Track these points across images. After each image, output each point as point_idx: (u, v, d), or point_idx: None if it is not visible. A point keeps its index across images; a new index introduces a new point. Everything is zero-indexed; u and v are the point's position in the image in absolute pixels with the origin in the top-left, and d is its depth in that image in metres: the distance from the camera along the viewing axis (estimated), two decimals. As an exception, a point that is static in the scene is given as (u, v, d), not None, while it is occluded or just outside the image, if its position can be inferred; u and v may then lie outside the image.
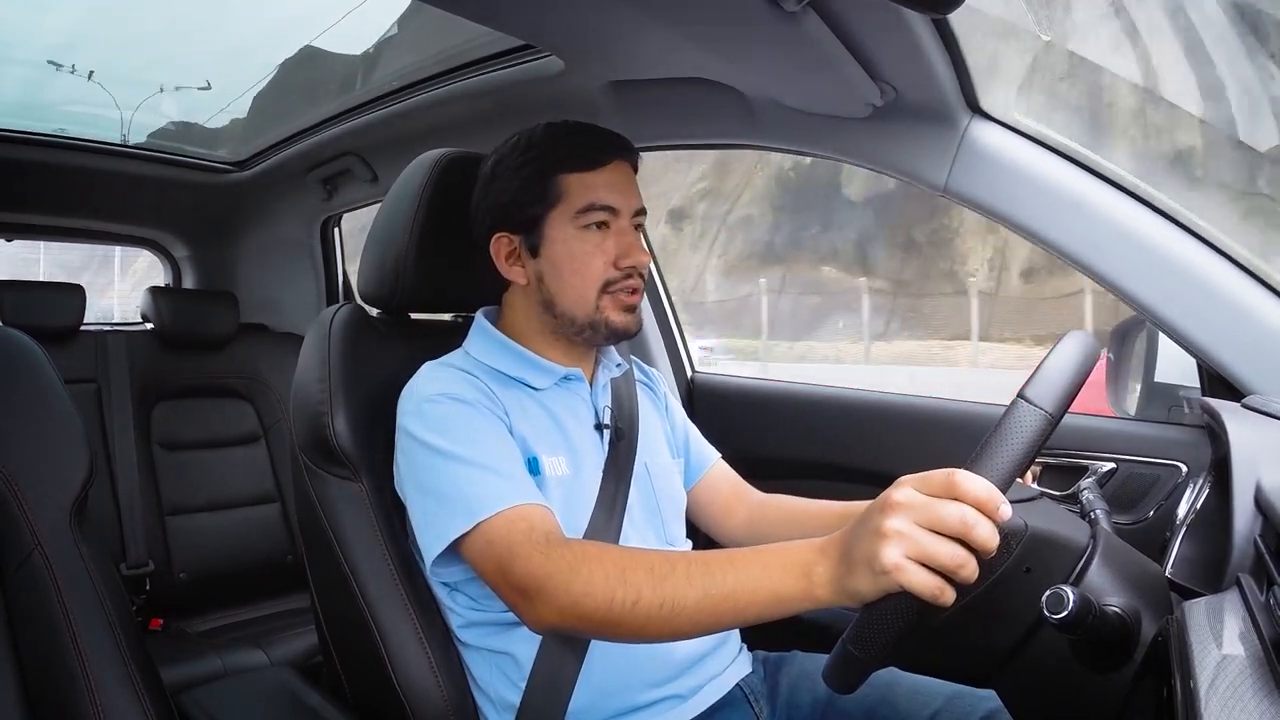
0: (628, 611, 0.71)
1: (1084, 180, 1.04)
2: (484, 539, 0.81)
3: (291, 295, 2.31)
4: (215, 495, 2.00)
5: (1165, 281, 1.00)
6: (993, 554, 0.59)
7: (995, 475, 0.60)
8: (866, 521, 0.61)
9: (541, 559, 0.76)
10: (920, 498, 0.59)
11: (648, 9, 0.94)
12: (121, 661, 0.77)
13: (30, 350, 0.86)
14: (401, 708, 0.90)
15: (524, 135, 0.97)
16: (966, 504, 0.58)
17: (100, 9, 2.55)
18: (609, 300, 0.95)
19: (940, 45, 0.93)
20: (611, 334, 0.97)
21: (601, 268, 0.94)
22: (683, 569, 0.70)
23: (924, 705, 0.93)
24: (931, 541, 0.58)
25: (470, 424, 0.87)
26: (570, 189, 0.93)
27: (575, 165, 0.93)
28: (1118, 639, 0.69)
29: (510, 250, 0.97)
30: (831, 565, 0.63)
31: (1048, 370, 0.63)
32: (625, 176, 0.96)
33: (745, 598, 0.67)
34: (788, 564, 0.66)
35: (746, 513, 1.11)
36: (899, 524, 0.59)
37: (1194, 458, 1.07)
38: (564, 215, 0.94)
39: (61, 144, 1.99)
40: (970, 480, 0.58)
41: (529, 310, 0.99)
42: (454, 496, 0.83)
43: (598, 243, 0.94)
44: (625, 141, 0.98)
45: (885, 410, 1.41)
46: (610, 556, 0.74)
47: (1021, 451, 0.60)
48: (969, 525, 0.57)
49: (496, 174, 0.97)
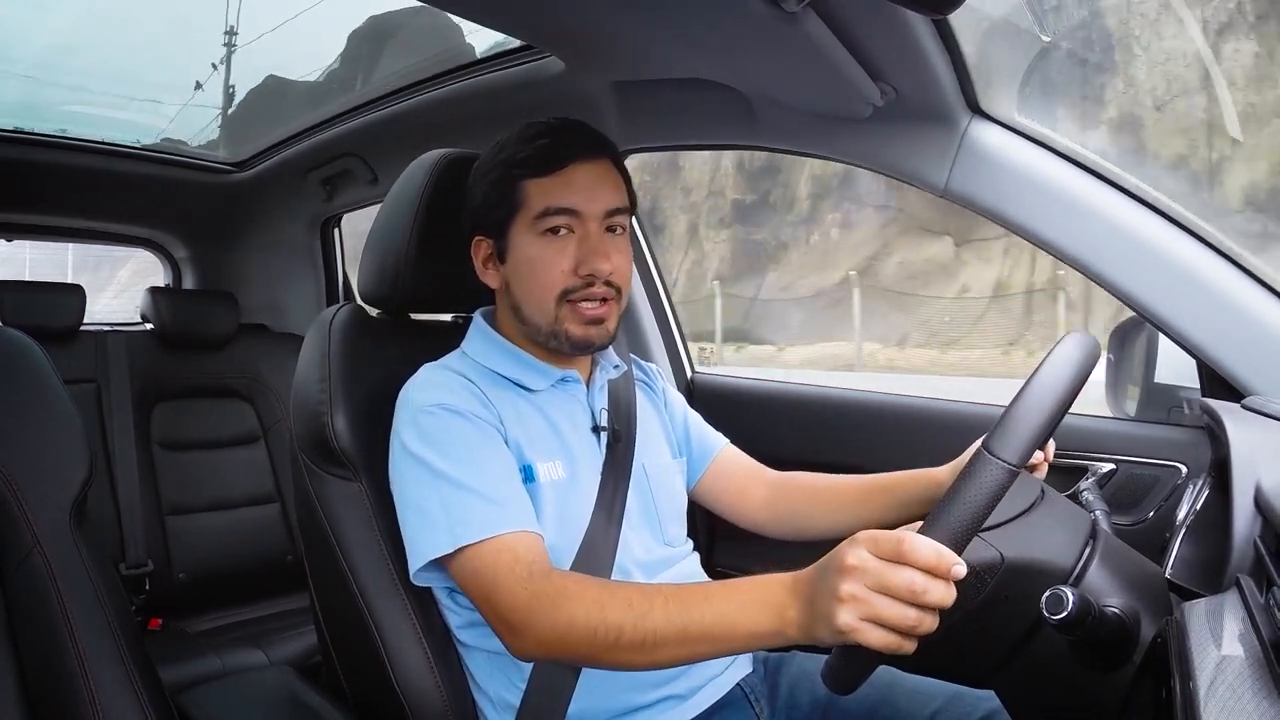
0: (609, 647, 0.72)
1: (1084, 181, 1.04)
2: (470, 566, 0.81)
3: (291, 296, 2.31)
4: (215, 495, 2.00)
5: (1165, 282, 1.00)
6: (950, 607, 0.60)
7: (950, 534, 0.60)
8: (824, 578, 0.63)
9: (524, 595, 0.77)
10: (873, 562, 0.60)
11: (648, 10, 0.94)
12: (121, 661, 0.77)
13: (30, 350, 0.86)
14: (401, 707, 0.90)
15: (502, 139, 0.96)
16: (917, 569, 0.59)
17: (99, 10, 2.56)
18: (568, 310, 0.91)
19: (940, 45, 0.93)
20: (573, 346, 0.93)
21: (560, 276, 0.90)
22: (660, 606, 0.71)
23: (924, 705, 0.93)
24: (885, 605, 0.59)
25: (464, 440, 0.86)
26: (529, 194, 0.91)
27: (533, 170, 0.91)
28: (1117, 640, 0.69)
29: (486, 255, 0.97)
30: (801, 608, 0.65)
31: (1012, 420, 0.62)
32: (593, 176, 0.92)
33: (722, 635, 0.69)
34: (761, 603, 0.67)
35: (764, 493, 1.11)
36: (852, 589, 0.60)
37: (1194, 458, 1.07)
38: (524, 221, 0.91)
39: (61, 144, 1.99)
40: (920, 546, 0.59)
41: (506, 315, 0.98)
42: (439, 516, 0.83)
43: (559, 249, 0.90)
44: (596, 138, 0.95)
45: (885, 410, 1.41)
46: (590, 594, 0.75)
47: (979, 507, 0.60)
48: (917, 593, 0.58)
49: (475, 179, 0.97)
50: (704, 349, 12.10)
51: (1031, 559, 0.72)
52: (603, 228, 0.92)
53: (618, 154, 0.97)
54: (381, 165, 1.83)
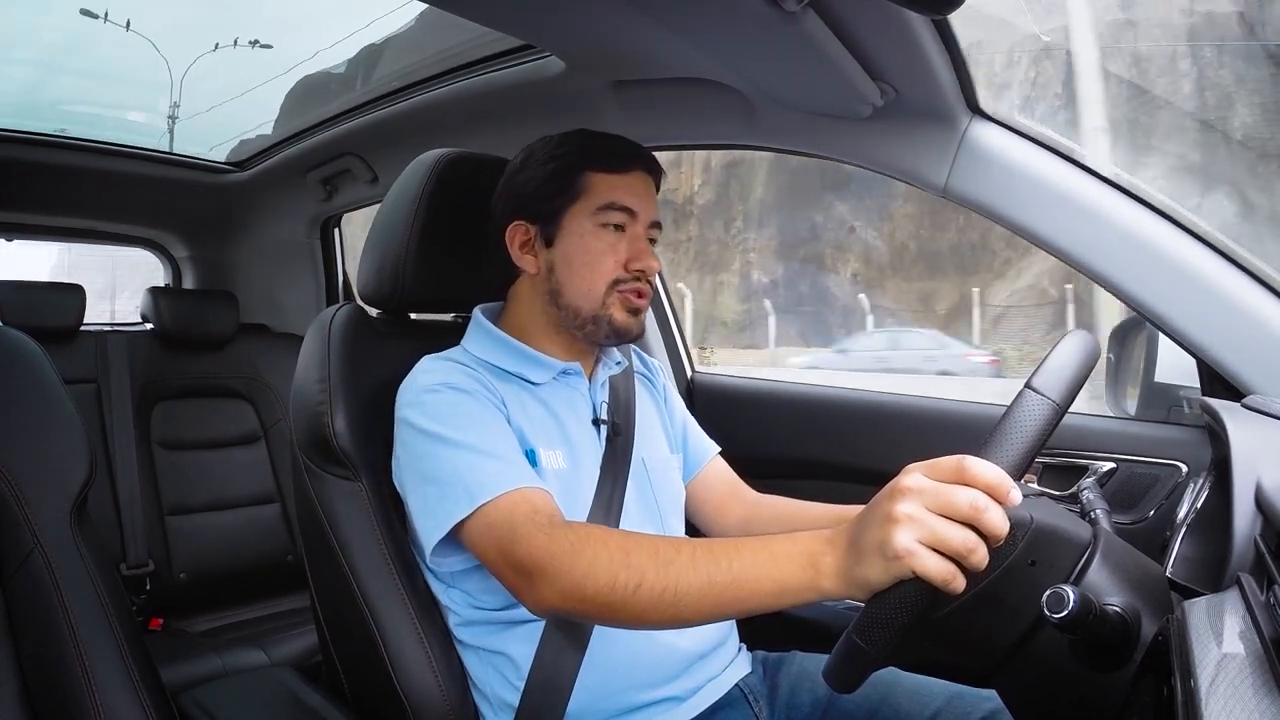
0: (630, 595, 0.70)
1: (1084, 180, 1.04)
2: (485, 521, 0.81)
3: (291, 295, 2.31)
4: (215, 495, 2.00)
5: (1165, 281, 1.00)
6: (1003, 540, 0.59)
7: (1005, 461, 0.60)
8: (876, 508, 0.61)
9: (544, 539, 0.76)
10: (930, 483, 0.59)
11: (648, 10, 0.94)
12: (122, 661, 0.77)
13: (30, 350, 0.86)
14: (401, 707, 0.90)
15: (557, 135, 1.00)
16: (977, 488, 0.58)
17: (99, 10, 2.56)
18: (616, 298, 0.96)
19: (940, 45, 0.93)
20: (613, 332, 0.97)
21: (612, 266, 0.96)
22: (687, 554, 0.70)
23: (924, 705, 0.93)
24: (943, 526, 0.58)
25: (469, 412, 0.88)
26: (594, 186, 0.96)
27: (602, 165, 0.97)
28: (1118, 638, 0.69)
29: (525, 239, 0.99)
30: (839, 555, 0.63)
31: (1053, 362, 0.64)
32: (646, 186, 0.99)
33: (749, 586, 0.67)
34: (794, 553, 0.66)
35: (741, 512, 1.11)
36: (910, 509, 0.59)
37: (1194, 457, 1.07)
38: (584, 210, 0.96)
39: (61, 144, 1.99)
40: (980, 465, 0.59)
41: (534, 302, 1.00)
42: (454, 482, 0.83)
43: (612, 242, 0.96)
44: (652, 158, 1.01)
45: (885, 410, 1.41)
46: (614, 539, 0.74)
47: (1030, 439, 0.61)
48: (980, 510, 0.57)
49: (525, 165, 1.00)
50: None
51: (1057, 525, 0.72)
52: (647, 235, 0.99)
53: (660, 178, 1.03)
54: (381, 165, 1.83)
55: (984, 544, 0.58)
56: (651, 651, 0.91)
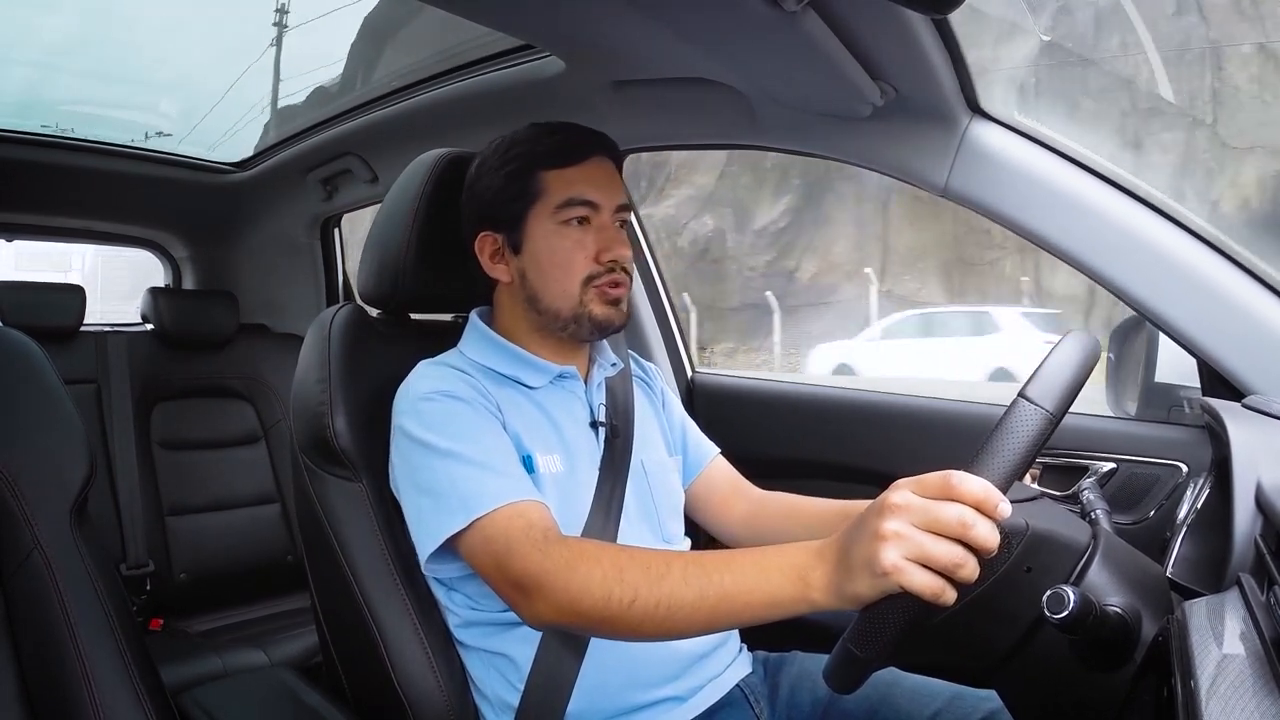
0: (624, 611, 0.71)
1: (1084, 180, 1.04)
2: (481, 535, 0.81)
3: (291, 295, 2.31)
4: (215, 495, 2.00)
5: (1165, 281, 1.00)
6: (994, 552, 0.59)
7: (995, 474, 0.59)
8: (864, 525, 0.61)
9: (539, 556, 0.76)
10: (918, 500, 0.59)
11: (648, 9, 0.94)
12: (121, 661, 0.77)
13: (30, 350, 0.86)
14: (401, 707, 0.90)
15: (507, 136, 0.98)
16: (964, 504, 0.58)
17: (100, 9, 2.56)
18: (593, 293, 0.95)
19: (940, 45, 0.93)
20: (595, 327, 0.96)
21: (583, 262, 0.94)
22: (679, 569, 0.70)
23: (925, 706, 0.93)
24: (930, 542, 0.58)
25: (466, 421, 0.87)
26: (549, 185, 0.94)
27: (554, 162, 0.94)
28: (1118, 639, 0.69)
29: (494, 249, 0.98)
30: (829, 569, 0.63)
31: (1048, 369, 0.62)
32: (606, 173, 0.97)
33: (741, 600, 0.67)
34: (784, 567, 0.66)
35: (745, 508, 1.11)
36: (896, 526, 0.59)
37: (1194, 458, 1.06)
38: (544, 211, 0.94)
39: (61, 144, 1.99)
40: (967, 481, 0.58)
41: (515, 308, 0.99)
42: (450, 494, 0.83)
43: (578, 238, 0.94)
44: (605, 139, 0.98)
45: (885, 410, 1.41)
46: (608, 555, 0.75)
47: (1022, 451, 0.60)
48: (967, 525, 0.57)
49: (480, 174, 0.98)
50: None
51: (1053, 530, 0.72)
52: (614, 221, 0.96)
53: (621, 157, 1.00)
54: (381, 165, 1.83)
55: (973, 558, 0.58)
56: (652, 652, 0.91)
